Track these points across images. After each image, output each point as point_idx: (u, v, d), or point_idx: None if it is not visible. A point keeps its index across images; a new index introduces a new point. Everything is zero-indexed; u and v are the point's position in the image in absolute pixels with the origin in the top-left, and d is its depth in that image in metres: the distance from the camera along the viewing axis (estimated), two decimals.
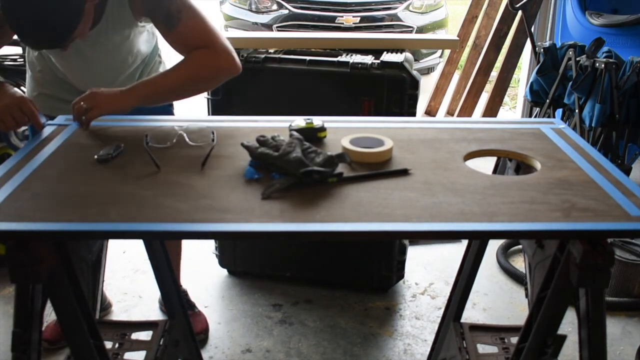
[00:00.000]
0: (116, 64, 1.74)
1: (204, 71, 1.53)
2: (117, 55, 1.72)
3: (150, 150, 1.31)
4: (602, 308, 1.14)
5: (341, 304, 2.41)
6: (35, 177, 1.22)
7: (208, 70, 1.54)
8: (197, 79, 1.54)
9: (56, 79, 1.77)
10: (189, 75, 1.52)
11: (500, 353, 1.66)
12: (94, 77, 1.72)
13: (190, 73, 1.52)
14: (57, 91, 1.79)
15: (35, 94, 1.82)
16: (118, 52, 1.71)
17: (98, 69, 1.73)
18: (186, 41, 1.52)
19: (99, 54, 1.69)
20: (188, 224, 1.06)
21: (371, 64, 2.12)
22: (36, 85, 1.83)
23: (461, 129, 1.52)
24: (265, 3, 5.72)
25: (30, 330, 1.10)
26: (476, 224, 1.07)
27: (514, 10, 3.43)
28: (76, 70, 1.74)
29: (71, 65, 1.73)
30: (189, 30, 1.51)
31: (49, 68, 1.77)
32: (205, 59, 1.52)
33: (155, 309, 2.36)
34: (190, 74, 1.52)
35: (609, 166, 1.30)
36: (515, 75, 4.77)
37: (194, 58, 1.52)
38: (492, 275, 2.63)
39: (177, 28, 1.51)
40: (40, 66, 1.79)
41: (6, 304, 2.34)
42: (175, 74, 1.52)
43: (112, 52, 1.70)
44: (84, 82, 1.72)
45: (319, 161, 1.22)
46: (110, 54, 1.70)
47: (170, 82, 1.52)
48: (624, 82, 2.49)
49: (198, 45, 1.52)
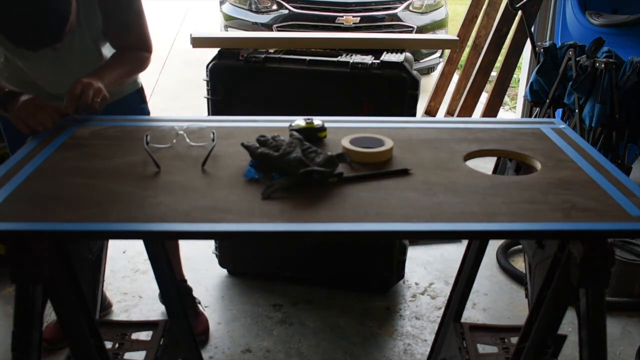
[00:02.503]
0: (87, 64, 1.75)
1: (140, 70, 1.84)
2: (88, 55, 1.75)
3: (150, 150, 1.31)
4: (602, 308, 1.14)
5: (341, 304, 2.41)
6: (35, 177, 1.22)
7: (141, 70, 1.84)
8: (135, 74, 1.87)
9: (24, 84, 1.76)
10: (133, 70, 1.81)
11: (500, 353, 1.66)
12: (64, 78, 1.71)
13: (134, 69, 1.80)
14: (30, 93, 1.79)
15: None
16: (89, 52, 1.75)
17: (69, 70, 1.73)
18: (130, 44, 1.76)
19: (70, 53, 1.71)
20: (188, 224, 1.05)
21: (371, 64, 2.12)
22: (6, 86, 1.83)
23: (461, 129, 1.52)
24: (265, 3, 5.72)
25: (30, 330, 1.10)
26: (476, 224, 1.07)
27: (514, 10, 3.42)
28: (46, 73, 1.77)
29: (41, 69, 1.75)
30: (136, 38, 1.76)
31: (17, 74, 1.78)
32: (144, 62, 1.81)
33: (155, 309, 2.36)
34: (134, 70, 1.81)
35: (609, 166, 1.30)
36: (515, 75, 4.77)
37: (138, 58, 1.78)
38: (492, 275, 2.63)
39: (130, 34, 1.74)
40: (8, 73, 1.79)
41: (6, 304, 2.34)
42: (124, 67, 1.74)
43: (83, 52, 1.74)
44: (54, 84, 1.77)
45: (319, 161, 1.21)
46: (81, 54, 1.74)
47: (121, 73, 1.73)
48: (624, 82, 2.48)
49: (140, 48, 1.78)
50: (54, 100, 1.75)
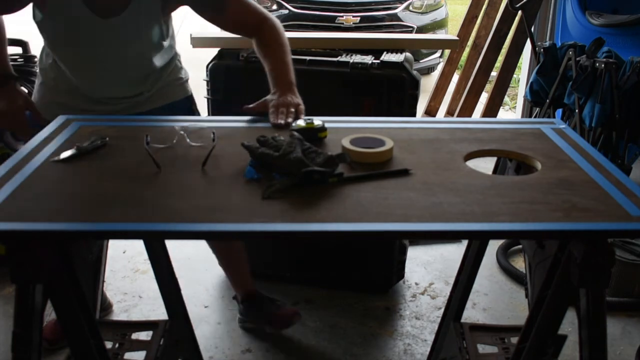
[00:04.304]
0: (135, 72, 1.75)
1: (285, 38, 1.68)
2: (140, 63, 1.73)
3: (151, 151, 1.31)
4: (603, 308, 1.14)
5: (341, 304, 2.40)
6: (35, 177, 1.21)
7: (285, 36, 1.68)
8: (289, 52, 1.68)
9: (71, 88, 1.77)
10: (287, 46, 1.66)
11: (500, 353, 1.66)
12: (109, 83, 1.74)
13: (286, 44, 1.66)
14: (71, 99, 1.77)
15: (47, 102, 1.80)
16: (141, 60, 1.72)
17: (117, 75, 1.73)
18: (242, 20, 1.64)
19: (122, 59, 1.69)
20: (188, 224, 1.05)
21: (371, 64, 2.12)
22: (48, 93, 1.82)
23: (461, 129, 1.52)
24: (265, 3, 5.71)
25: (30, 330, 1.10)
26: (476, 224, 1.07)
27: (514, 10, 3.42)
28: (94, 76, 1.74)
29: (89, 71, 1.73)
30: (241, 10, 1.62)
31: (64, 76, 1.76)
32: (278, 29, 1.67)
33: (155, 309, 2.36)
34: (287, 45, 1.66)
35: (609, 166, 1.30)
36: (515, 75, 4.77)
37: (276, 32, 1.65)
38: (492, 275, 2.63)
39: (228, 9, 1.61)
40: (54, 74, 1.78)
41: (6, 304, 2.34)
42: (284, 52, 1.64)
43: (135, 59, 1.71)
44: (99, 89, 1.76)
45: (320, 161, 1.21)
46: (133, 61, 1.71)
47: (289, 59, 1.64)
48: (624, 82, 2.48)
49: (256, 21, 1.64)
50: (95, 106, 1.76)
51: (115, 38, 1.64)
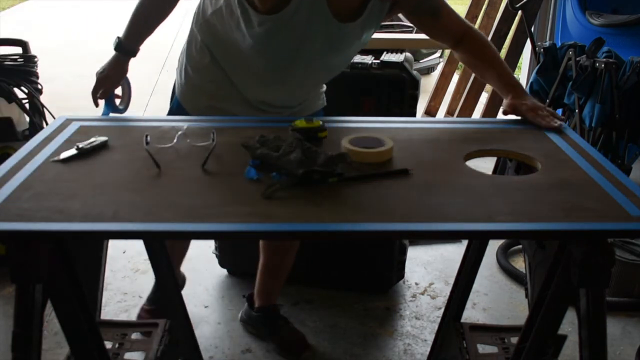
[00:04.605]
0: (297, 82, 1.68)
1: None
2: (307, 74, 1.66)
3: (151, 151, 1.31)
4: (603, 308, 1.14)
5: (341, 304, 2.40)
6: (36, 177, 1.21)
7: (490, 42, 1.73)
8: None
9: (231, 94, 1.68)
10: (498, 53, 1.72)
11: (500, 353, 1.66)
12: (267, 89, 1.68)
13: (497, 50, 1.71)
14: (231, 105, 1.69)
15: (203, 107, 1.71)
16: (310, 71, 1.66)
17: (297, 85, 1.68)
18: (452, 27, 1.68)
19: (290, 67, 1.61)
20: (188, 224, 1.05)
21: (371, 63, 2.12)
22: (205, 98, 1.71)
23: (461, 129, 1.52)
24: None
25: (30, 330, 1.10)
26: (476, 224, 1.07)
27: (514, 10, 3.42)
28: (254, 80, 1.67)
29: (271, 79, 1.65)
30: (452, 18, 1.67)
31: (227, 80, 1.67)
32: (483, 36, 1.72)
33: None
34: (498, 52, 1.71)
35: (609, 166, 1.30)
36: (515, 75, 4.76)
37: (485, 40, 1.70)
38: (492, 275, 2.63)
39: (442, 17, 1.65)
40: (212, 76, 1.68)
41: (6, 304, 2.34)
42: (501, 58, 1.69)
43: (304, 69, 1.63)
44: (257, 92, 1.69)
45: (320, 161, 1.21)
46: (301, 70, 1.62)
47: None
48: (624, 82, 2.48)
49: (462, 29, 1.68)
50: (250, 109, 1.69)
51: (343, 43, 1.59)
